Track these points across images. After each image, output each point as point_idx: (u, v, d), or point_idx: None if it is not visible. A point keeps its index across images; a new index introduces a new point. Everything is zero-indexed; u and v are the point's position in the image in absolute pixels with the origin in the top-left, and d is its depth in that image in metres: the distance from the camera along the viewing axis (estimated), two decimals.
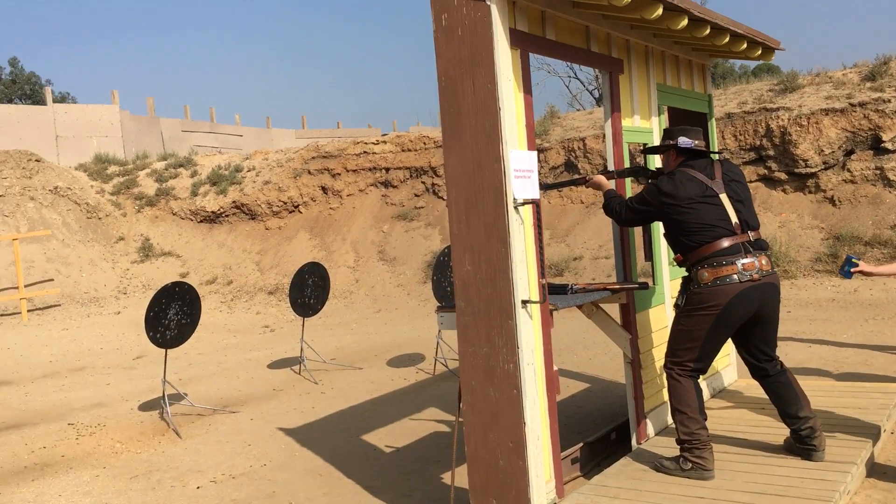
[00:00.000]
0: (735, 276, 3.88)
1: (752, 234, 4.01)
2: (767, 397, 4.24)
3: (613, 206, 4.19)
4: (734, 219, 3.98)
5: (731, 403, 5.19)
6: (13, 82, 35.54)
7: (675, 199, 3.95)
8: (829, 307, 9.42)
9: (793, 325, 8.52)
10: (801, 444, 4.05)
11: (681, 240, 4.01)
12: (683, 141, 4.12)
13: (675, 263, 4.26)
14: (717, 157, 4.25)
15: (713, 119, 5.78)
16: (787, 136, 11.84)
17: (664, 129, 4.35)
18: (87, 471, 5.59)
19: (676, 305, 4.12)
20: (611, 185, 4.43)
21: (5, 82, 35.44)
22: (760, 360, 4.16)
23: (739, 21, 4.89)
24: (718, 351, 4.10)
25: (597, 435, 4.83)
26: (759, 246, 4.02)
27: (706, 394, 5.25)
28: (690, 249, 3.98)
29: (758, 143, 12.15)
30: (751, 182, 12.18)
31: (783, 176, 11.96)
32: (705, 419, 4.00)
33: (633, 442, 4.61)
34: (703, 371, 4.07)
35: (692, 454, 3.93)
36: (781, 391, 4.12)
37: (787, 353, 7.25)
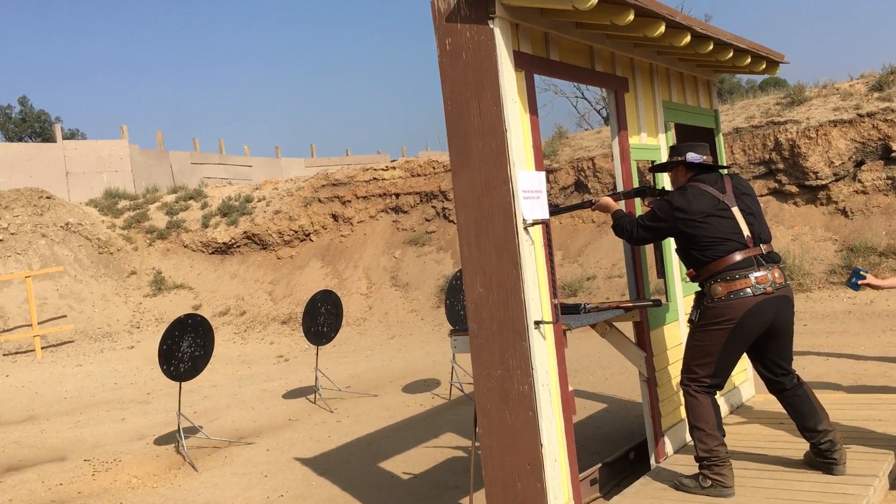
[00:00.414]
0: (749, 290, 3.86)
1: (764, 247, 4.00)
2: (785, 412, 4.19)
3: (623, 225, 4.17)
4: (746, 232, 3.96)
5: (750, 419, 5.13)
6: (23, 121, 35.94)
7: (687, 214, 3.93)
8: (846, 319, 9.33)
9: (810, 339, 8.45)
10: (822, 458, 4.00)
11: (693, 254, 3.99)
12: (692, 156, 4.12)
13: (687, 279, 4.24)
14: (725, 171, 4.24)
15: (720, 134, 5.78)
16: (797, 149, 11.81)
17: (670, 147, 4.32)
18: None
19: (691, 321, 4.10)
20: (618, 205, 4.41)
21: (15, 121, 35.85)
22: (777, 374, 4.12)
23: (743, 36, 4.90)
24: (734, 366, 4.06)
25: (615, 455, 4.78)
26: (772, 259, 4.00)
27: (724, 410, 5.19)
28: (703, 264, 3.96)
29: (767, 156, 12.13)
30: (761, 196, 12.14)
31: (794, 189, 11.92)
32: (723, 435, 3.96)
33: (652, 461, 4.55)
34: (720, 387, 4.04)
35: (711, 471, 3.89)
36: (799, 405, 4.08)
37: (805, 367, 7.18)
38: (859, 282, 4.36)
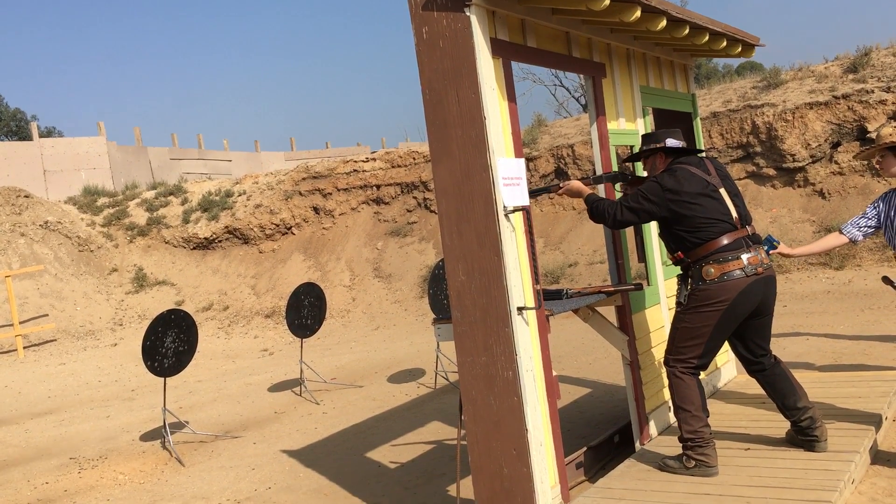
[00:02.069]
0: (741, 271, 3.88)
1: (749, 229, 4.02)
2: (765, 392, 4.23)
3: (603, 208, 4.06)
4: (734, 213, 3.97)
5: (732, 399, 5.20)
6: None
7: (679, 195, 3.89)
8: (825, 299, 9.44)
9: (790, 319, 8.54)
10: (803, 436, 4.05)
11: (683, 236, 3.95)
12: (672, 142, 4.11)
13: (669, 262, 4.24)
14: (702, 154, 4.25)
15: (698, 118, 5.82)
16: (774, 132, 11.90)
17: (644, 135, 4.30)
18: None
19: (679, 303, 4.07)
20: (590, 190, 4.34)
21: None
22: (756, 355, 4.15)
23: (719, 20, 4.94)
24: (721, 347, 4.09)
25: (600, 438, 4.83)
26: (756, 240, 4.03)
27: (707, 391, 5.25)
28: (694, 246, 3.94)
29: (745, 140, 12.21)
30: (740, 180, 12.23)
31: (771, 171, 12.02)
32: (707, 416, 3.99)
33: (637, 443, 4.60)
34: (705, 367, 4.06)
35: (695, 452, 3.92)
36: (778, 384, 4.11)
37: (786, 347, 7.26)
38: (770, 251, 4.44)
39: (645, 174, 4.40)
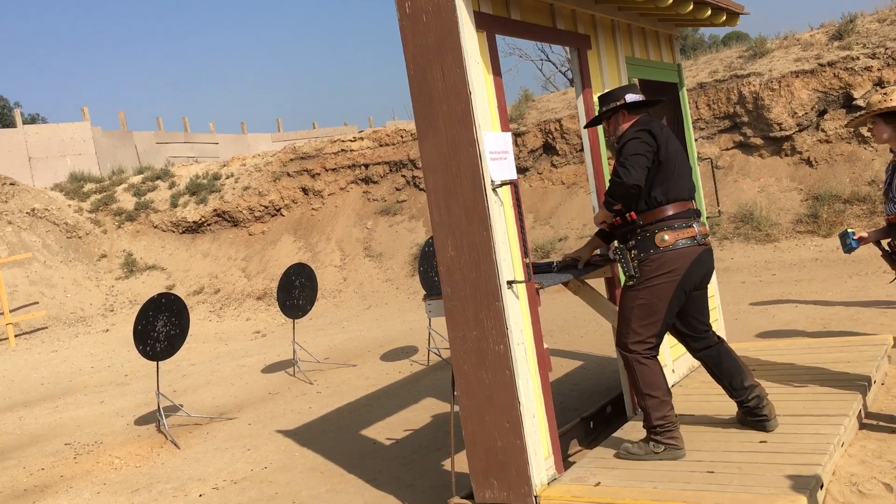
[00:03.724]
0: (693, 240, 3.76)
1: (693, 202, 3.91)
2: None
3: (612, 183, 3.70)
4: (691, 182, 3.89)
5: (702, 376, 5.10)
6: None
7: (662, 151, 3.72)
8: (814, 267, 9.50)
9: (778, 288, 8.60)
10: (752, 416, 3.91)
11: (649, 192, 3.74)
12: (632, 97, 3.88)
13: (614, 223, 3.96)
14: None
15: (684, 88, 5.81)
16: (760, 102, 11.90)
17: (601, 95, 4.04)
18: (88, 488, 5.57)
19: (631, 276, 3.83)
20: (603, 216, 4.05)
21: None
22: (699, 332, 3.97)
23: None
24: (672, 323, 3.92)
25: (592, 410, 4.87)
26: (699, 214, 3.93)
27: (685, 368, 5.28)
28: (651, 207, 3.75)
29: (731, 110, 12.21)
30: (727, 150, 12.26)
31: (759, 141, 12.03)
32: (671, 398, 3.83)
33: (629, 413, 4.64)
34: (659, 346, 3.88)
35: (664, 436, 3.76)
36: (725, 363, 3.93)
37: (775, 315, 7.32)
38: (855, 237, 4.34)
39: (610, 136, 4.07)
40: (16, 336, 13.25)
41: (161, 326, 6.74)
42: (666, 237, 3.75)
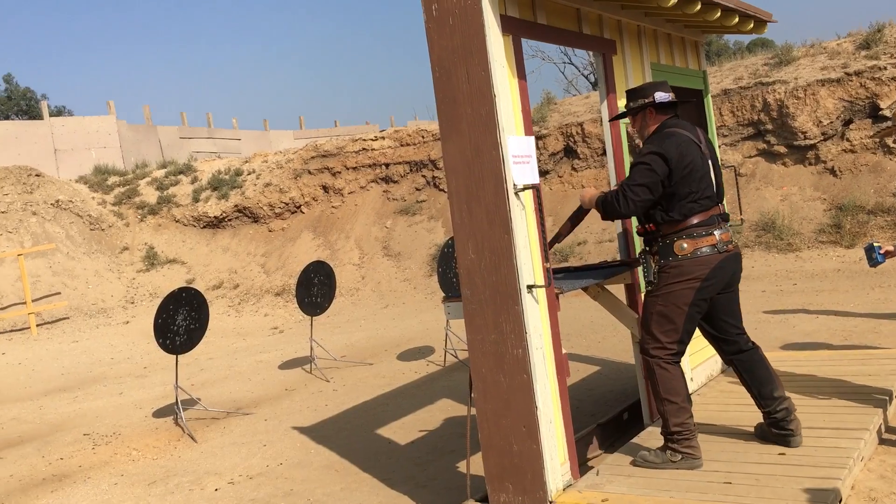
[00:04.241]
0: (714, 248, 3.74)
1: (720, 207, 3.88)
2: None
3: (610, 199, 3.76)
4: (714, 188, 3.84)
5: (725, 385, 5.11)
6: (9, 98, 35.58)
7: (678, 164, 3.67)
8: (836, 277, 9.42)
9: (800, 298, 8.53)
10: (777, 429, 3.84)
11: (663, 208, 3.75)
12: (661, 96, 3.85)
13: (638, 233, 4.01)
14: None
15: (709, 95, 5.78)
16: (785, 109, 11.81)
17: (628, 91, 4.02)
18: (105, 479, 5.63)
19: (650, 282, 3.88)
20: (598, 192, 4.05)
21: (1, 99, 35.48)
22: (731, 335, 3.93)
23: None
24: (694, 330, 3.90)
25: (609, 416, 4.85)
26: (726, 218, 3.90)
27: (704, 377, 5.25)
28: (671, 220, 3.75)
29: (755, 117, 12.13)
30: (750, 157, 12.18)
31: (783, 149, 11.94)
32: (691, 405, 3.81)
33: (646, 420, 4.62)
34: (683, 353, 3.87)
35: (681, 445, 3.73)
36: (756, 369, 3.89)
37: (796, 326, 7.26)
38: (881, 251, 4.30)
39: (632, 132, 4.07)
40: (37, 326, 13.40)
41: (181, 320, 6.79)
42: (685, 245, 3.74)
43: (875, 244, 4.32)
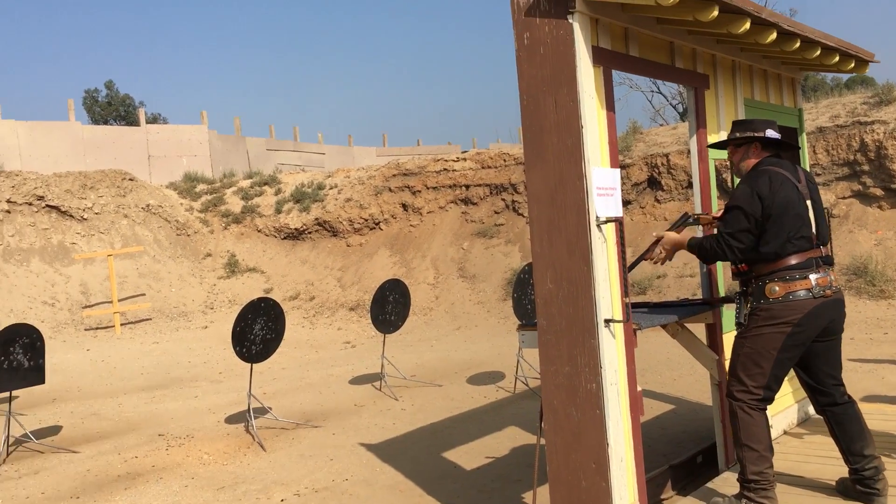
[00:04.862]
0: (808, 292, 3.60)
1: (823, 249, 3.74)
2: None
3: (711, 246, 3.73)
4: (813, 229, 3.72)
5: (812, 431, 4.91)
6: (109, 104, 37.14)
7: (772, 203, 3.59)
8: None
9: (890, 348, 8.16)
10: (863, 486, 3.68)
11: (759, 251, 3.66)
12: (772, 133, 3.79)
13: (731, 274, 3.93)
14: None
15: (804, 134, 5.62)
16: (883, 151, 11.38)
17: (737, 122, 3.96)
18: (177, 481, 5.76)
19: (739, 324, 3.81)
20: (684, 236, 4.04)
21: (102, 104, 37.07)
22: (827, 386, 3.79)
23: (829, 31, 4.75)
24: (785, 376, 3.78)
25: (682, 458, 4.72)
26: (828, 262, 3.75)
27: (784, 425, 5.06)
28: (764, 260, 3.66)
29: (851, 157, 11.72)
30: (844, 198, 11.76)
31: (879, 192, 11.50)
32: (772, 455, 3.69)
33: (721, 465, 4.48)
34: (771, 400, 3.75)
35: (758, 494, 3.62)
36: (848, 424, 3.74)
37: (884, 377, 6.95)
38: None
39: (734, 163, 3.99)
40: (122, 325, 13.87)
41: (258, 330, 6.93)
42: (776, 288, 3.64)
43: None
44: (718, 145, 4.19)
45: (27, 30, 77.20)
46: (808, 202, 3.75)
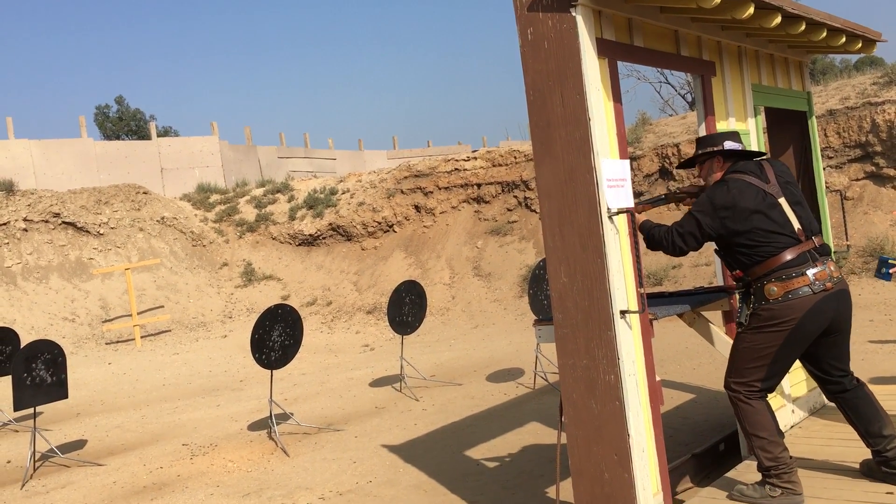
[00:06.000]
0: (808, 288, 3.58)
1: (815, 240, 3.71)
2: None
3: (659, 236, 3.77)
4: (796, 225, 3.67)
5: (828, 420, 4.87)
6: (120, 119, 37.41)
7: (733, 211, 3.62)
8: None
9: None
10: (887, 468, 3.67)
11: (741, 254, 3.68)
12: (731, 145, 3.82)
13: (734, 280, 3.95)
14: (764, 156, 3.96)
15: (813, 117, 5.59)
16: (895, 131, 11.30)
17: (699, 139, 4.03)
18: (202, 489, 5.80)
19: (740, 324, 3.80)
20: (642, 217, 4.00)
21: (113, 120, 37.34)
22: (834, 376, 3.79)
23: (835, 12, 4.72)
24: (788, 369, 3.77)
25: (705, 446, 4.71)
26: (824, 252, 3.72)
27: (803, 413, 5.03)
28: (753, 264, 3.65)
29: (863, 139, 11.65)
30: (858, 180, 11.69)
31: (892, 172, 11.42)
32: (783, 439, 3.69)
33: (743, 452, 4.46)
34: (771, 390, 3.75)
35: (780, 480, 3.61)
36: (862, 407, 3.72)
37: None
38: (891, 270, 4.06)
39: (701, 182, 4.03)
40: (142, 337, 13.98)
41: (276, 336, 6.97)
42: (774, 289, 3.62)
43: (890, 260, 4.02)
44: (685, 165, 4.24)
45: (36, 49, 77.93)
46: (781, 199, 3.70)
